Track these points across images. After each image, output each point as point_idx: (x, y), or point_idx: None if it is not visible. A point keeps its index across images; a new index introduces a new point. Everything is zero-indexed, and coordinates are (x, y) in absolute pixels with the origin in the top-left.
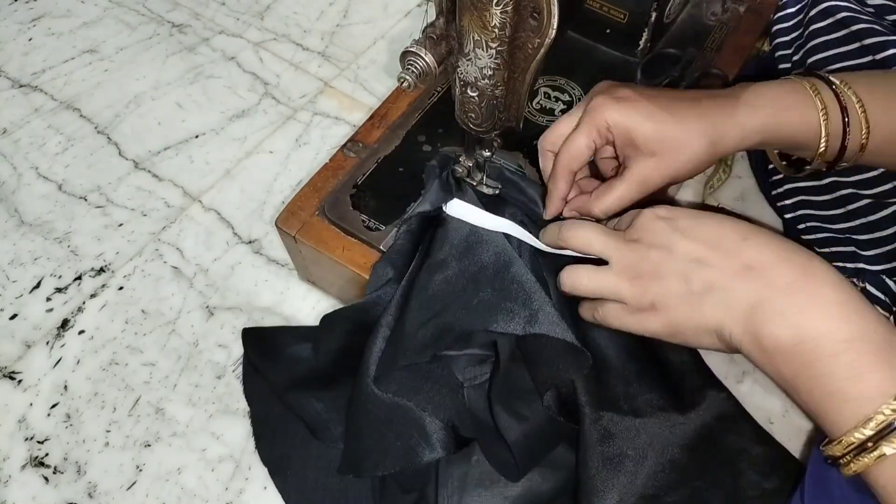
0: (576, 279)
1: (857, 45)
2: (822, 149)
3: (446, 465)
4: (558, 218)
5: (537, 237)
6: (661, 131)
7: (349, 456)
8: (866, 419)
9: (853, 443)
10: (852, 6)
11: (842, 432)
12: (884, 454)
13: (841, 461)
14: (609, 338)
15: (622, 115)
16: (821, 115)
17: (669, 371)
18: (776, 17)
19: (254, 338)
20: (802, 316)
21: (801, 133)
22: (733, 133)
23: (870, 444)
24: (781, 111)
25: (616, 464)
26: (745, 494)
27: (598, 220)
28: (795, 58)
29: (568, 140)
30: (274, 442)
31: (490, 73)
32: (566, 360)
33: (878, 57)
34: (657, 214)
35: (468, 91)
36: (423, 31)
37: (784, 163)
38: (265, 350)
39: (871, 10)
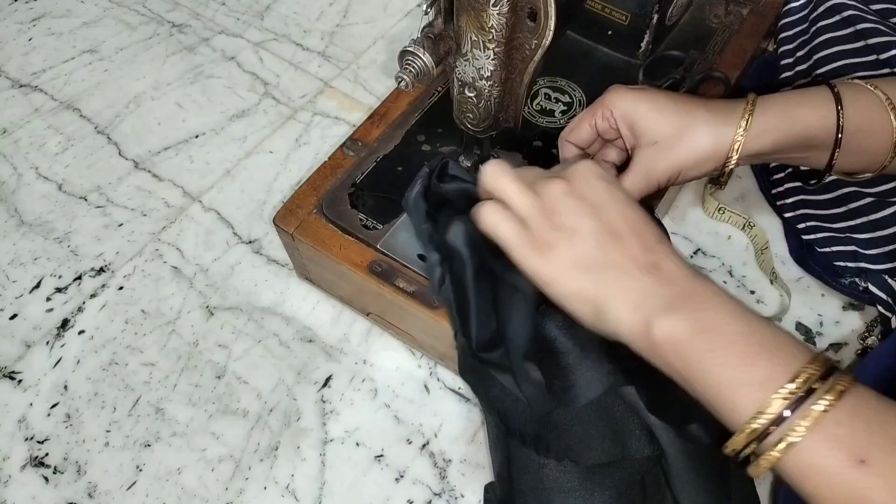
0: (499, 174)
1: (861, 43)
2: (833, 147)
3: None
4: None
5: None
6: (663, 119)
7: None
8: (762, 408)
9: (754, 430)
10: (858, 5)
11: (738, 419)
12: (791, 443)
13: (746, 455)
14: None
15: (627, 101)
16: (838, 110)
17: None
18: (782, 11)
19: None
20: (696, 313)
21: (814, 128)
22: (740, 129)
23: (772, 430)
24: (793, 107)
25: None
26: None
27: None
28: (799, 53)
29: (573, 120)
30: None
31: (488, 73)
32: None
33: (882, 56)
34: (599, 173)
35: (466, 91)
36: (422, 31)
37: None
38: None
39: (875, 15)
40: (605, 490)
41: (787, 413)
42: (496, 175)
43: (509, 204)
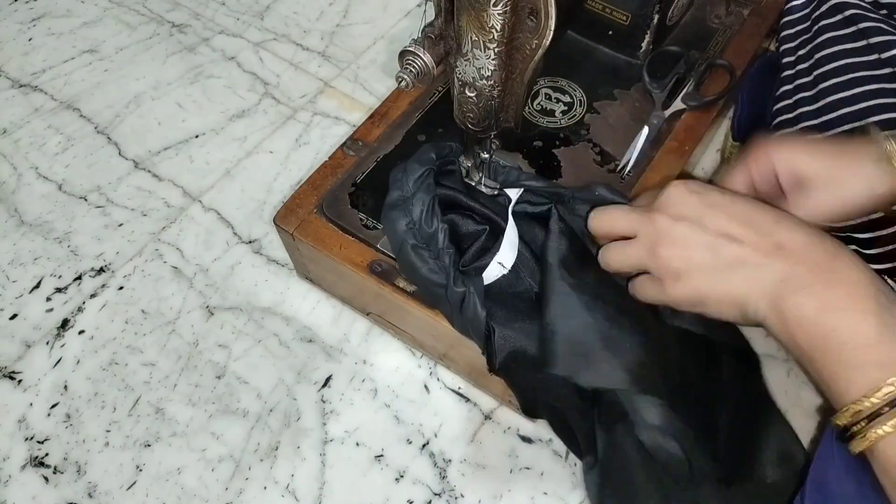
0: (607, 256)
1: (863, 42)
2: None
3: None
4: None
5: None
6: (826, 162)
7: None
8: (875, 388)
9: (860, 411)
10: (861, 3)
11: (850, 398)
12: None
13: (850, 433)
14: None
15: (786, 151)
16: None
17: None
18: (784, 9)
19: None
20: (828, 291)
21: None
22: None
23: (885, 411)
24: None
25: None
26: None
27: None
28: (801, 52)
29: (725, 175)
30: None
31: (488, 73)
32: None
33: (883, 56)
34: (689, 188)
35: (466, 91)
36: (422, 30)
37: None
38: None
39: (883, 11)
40: None
41: None
42: (605, 260)
43: (633, 268)
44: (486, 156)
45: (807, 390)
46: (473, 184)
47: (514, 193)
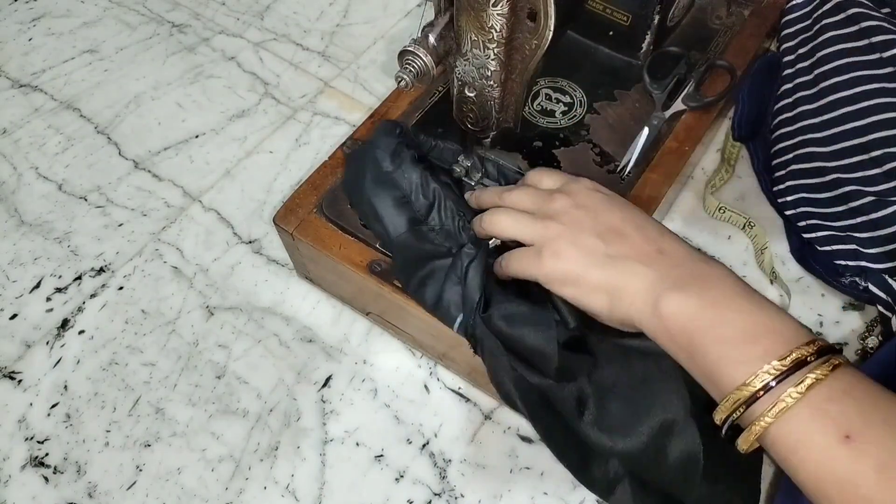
0: (496, 218)
1: (865, 41)
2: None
3: None
4: None
5: None
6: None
7: None
8: (751, 376)
9: (740, 399)
10: (864, 2)
11: (727, 389)
12: (781, 409)
13: (732, 425)
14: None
15: None
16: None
17: None
18: (786, 8)
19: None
20: (703, 291)
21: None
22: None
23: (760, 395)
24: None
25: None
26: None
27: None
28: (801, 51)
29: None
30: None
31: (488, 73)
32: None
33: (885, 55)
34: (594, 185)
35: (466, 91)
36: (422, 30)
37: None
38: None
39: (886, 9)
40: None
41: (773, 383)
42: (495, 223)
43: (513, 236)
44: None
45: None
46: (473, 183)
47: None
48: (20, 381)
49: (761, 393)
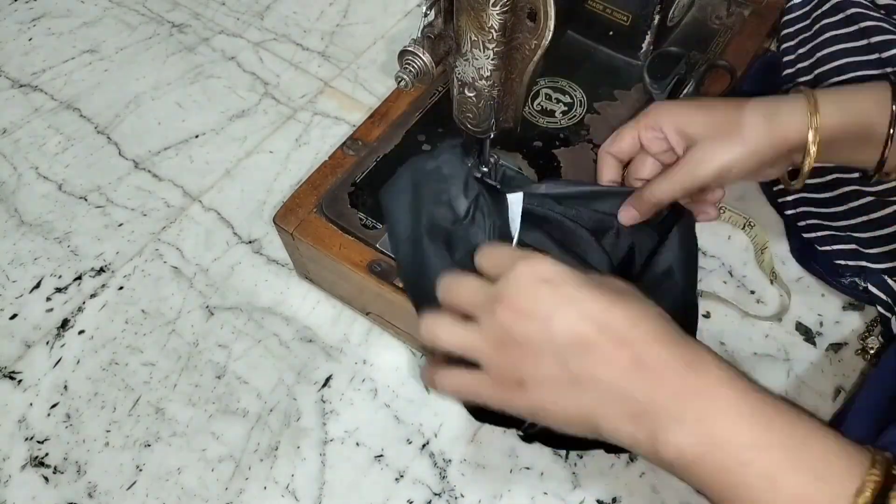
0: (435, 328)
1: (864, 42)
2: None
3: None
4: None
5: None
6: (713, 118)
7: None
8: None
9: None
10: (862, 2)
11: None
12: None
13: None
14: None
15: (673, 111)
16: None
17: None
18: (785, 8)
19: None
20: (703, 424)
21: (874, 119)
22: (797, 127)
23: None
24: (852, 100)
25: None
26: None
27: (650, 210)
28: (801, 51)
29: (616, 132)
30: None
31: (487, 73)
32: None
33: (884, 55)
34: (538, 275)
35: (466, 91)
36: (422, 30)
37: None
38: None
39: (881, 10)
40: None
41: None
42: (435, 337)
43: (467, 357)
44: (493, 159)
45: (807, 390)
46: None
47: (515, 197)
48: (20, 381)
49: None
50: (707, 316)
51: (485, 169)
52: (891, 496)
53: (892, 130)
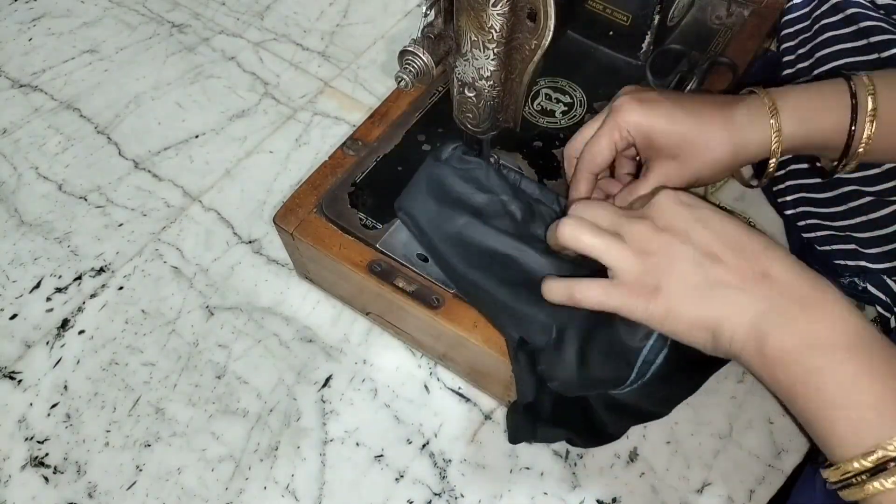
0: (579, 229)
1: (864, 41)
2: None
3: None
4: None
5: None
6: (682, 133)
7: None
8: (866, 449)
9: (850, 472)
10: (862, 2)
11: (842, 442)
12: (886, 489)
13: (838, 487)
14: None
15: (644, 116)
16: (852, 115)
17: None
18: (785, 8)
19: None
20: (810, 327)
21: (831, 139)
22: (755, 133)
23: (865, 477)
24: (813, 114)
25: None
26: None
27: None
28: (801, 51)
29: (589, 142)
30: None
31: (487, 73)
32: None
33: (883, 55)
34: (679, 199)
35: (466, 91)
36: (422, 30)
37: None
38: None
39: (881, 10)
40: None
41: (891, 464)
42: (576, 235)
43: (596, 257)
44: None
45: None
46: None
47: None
48: (20, 381)
49: (892, 465)
50: None
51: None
52: None
53: (853, 127)
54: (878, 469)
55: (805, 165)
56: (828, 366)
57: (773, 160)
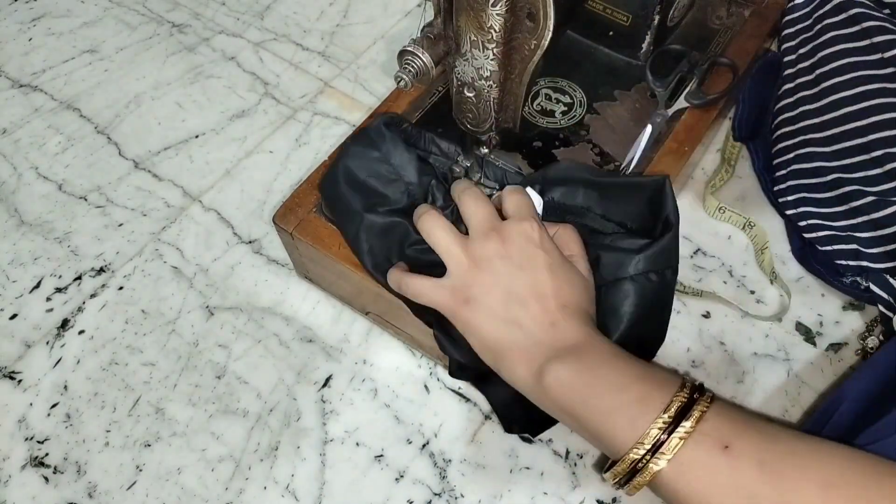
0: (433, 230)
1: (867, 42)
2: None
3: None
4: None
5: None
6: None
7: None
8: (642, 435)
9: (635, 459)
10: (865, 2)
11: (619, 443)
12: (676, 449)
13: (623, 481)
14: None
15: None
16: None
17: None
18: (786, 7)
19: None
20: (580, 357)
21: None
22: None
23: (647, 459)
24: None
25: None
26: None
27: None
28: (802, 51)
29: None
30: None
31: (487, 73)
32: None
33: (886, 55)
34: (530, 236)
35: (465, 91)
36: (422, 30)
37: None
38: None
39: (886, 10)
40: None
41: (664, 436)
42: (429, 229)
43: (439, 254)
44: (485, 152)
45: (807, 390)
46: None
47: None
48: (20, 381)
49: (653, 452)
50: (707, 316)
51: (478, 175)
52: (692, 411)
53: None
54: (655, 447)
55: (806, 166)
56: (594, 382)
57: None
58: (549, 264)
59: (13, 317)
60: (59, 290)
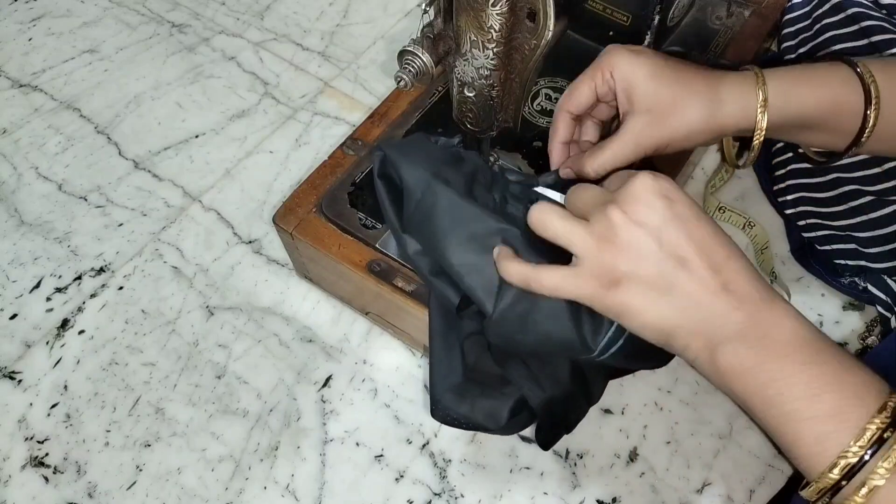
0: (547, 214)
1: (865, 41)
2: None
3: None
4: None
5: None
6: (658, 88)
7: None
8: (833, 464)
9: (824, 488)
10: (863, 2)
11: (805, 454)
12: (874, 487)
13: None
14: None
15: (628, 63)
16: (840, 91)
17: None
18: (786, 7)
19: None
20: (764, 340)
21: (820, 118)
22: (735, 104)
23: (843, 484)
24: (793, 85)
25: None
26: None
27: (592, 181)
28: (802, 50)
29: (571, 83)
30: None
31: (487, 73)
32: None
33: (885, 54)
34: (659, 189)
35: (465, 91)
36: (422, 30)
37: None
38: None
39: (883, 10)
40: None
41: (867, 456)
42: (543, 219)
43: (561, 243)
44: (492, 158)
45: None
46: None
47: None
48: (20, 381)
49: (844, 482)
50: None
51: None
52: (893, 439)
53: (868, 111)
54: (850, 475)
55: (805, 165)
56: (781, 378)
57: (758, 134)
58: (693, 210)
59: (13, 317)
60: (59, 290)
